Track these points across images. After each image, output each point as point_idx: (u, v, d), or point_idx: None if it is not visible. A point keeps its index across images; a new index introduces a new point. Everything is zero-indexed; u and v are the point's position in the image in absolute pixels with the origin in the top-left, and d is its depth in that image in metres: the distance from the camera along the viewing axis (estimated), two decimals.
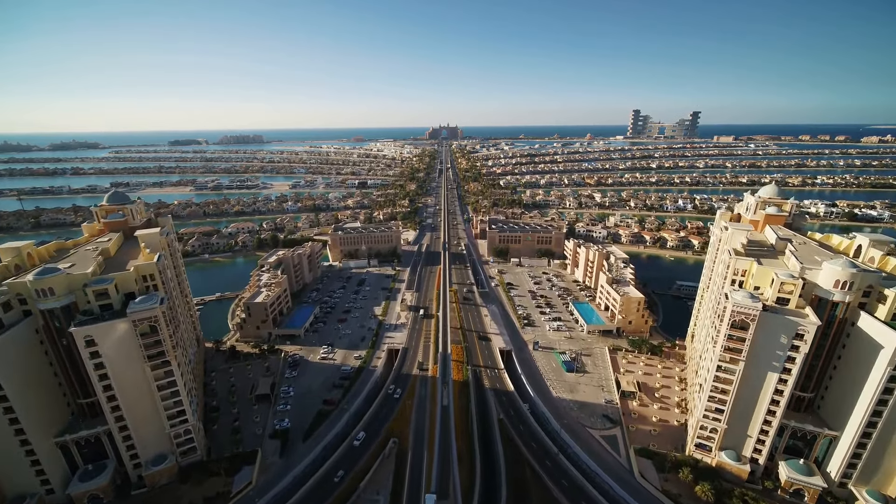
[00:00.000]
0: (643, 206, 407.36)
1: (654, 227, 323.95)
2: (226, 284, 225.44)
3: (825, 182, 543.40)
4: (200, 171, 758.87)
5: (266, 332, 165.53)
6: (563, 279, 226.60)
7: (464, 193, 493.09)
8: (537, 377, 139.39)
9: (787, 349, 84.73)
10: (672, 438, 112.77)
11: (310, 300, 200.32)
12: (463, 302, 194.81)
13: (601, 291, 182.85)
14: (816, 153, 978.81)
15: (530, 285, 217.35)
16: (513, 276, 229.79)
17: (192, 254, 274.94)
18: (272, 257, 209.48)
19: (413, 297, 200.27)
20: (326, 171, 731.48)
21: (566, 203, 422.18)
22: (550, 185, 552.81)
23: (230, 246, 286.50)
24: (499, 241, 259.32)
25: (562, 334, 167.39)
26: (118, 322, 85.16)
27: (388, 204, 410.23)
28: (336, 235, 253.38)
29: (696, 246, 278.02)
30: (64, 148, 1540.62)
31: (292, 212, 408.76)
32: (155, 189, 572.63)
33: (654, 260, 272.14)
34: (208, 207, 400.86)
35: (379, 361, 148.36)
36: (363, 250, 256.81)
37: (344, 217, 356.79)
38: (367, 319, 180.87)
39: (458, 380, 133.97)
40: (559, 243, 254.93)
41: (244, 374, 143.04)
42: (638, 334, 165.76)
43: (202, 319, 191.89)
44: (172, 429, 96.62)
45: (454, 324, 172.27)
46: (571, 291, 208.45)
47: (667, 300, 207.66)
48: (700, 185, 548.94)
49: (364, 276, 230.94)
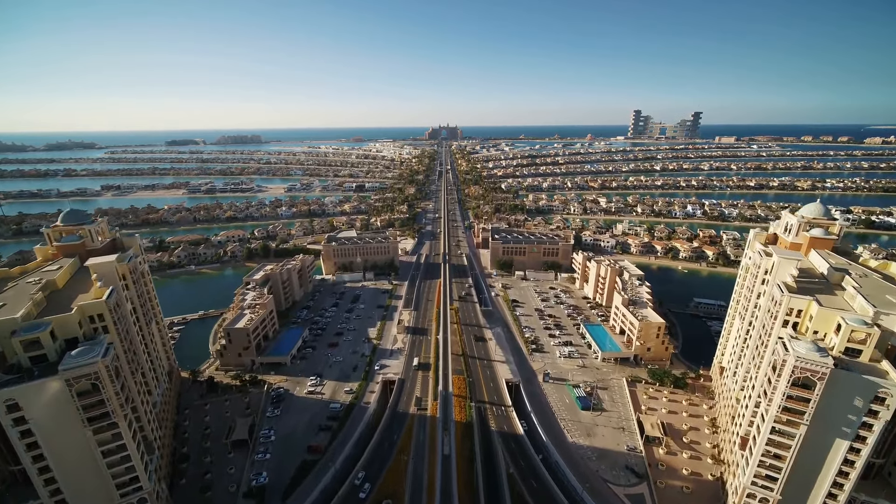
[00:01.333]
0: (650, 211, 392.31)
1: (664, 235, 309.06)
2: (211, 300, 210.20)
3: (835, 186, 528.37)
4: (195, 173, 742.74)
5: (249, 359, 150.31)
6: (572, 295, 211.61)
7: (464, 197, 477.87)
8: (549, 416, 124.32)
9: (862, 413, 69.84)
10: (708, 499, 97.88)
11: (299, 320, 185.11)
12: (465, 323, 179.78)
13: (616, 313, 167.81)
14: (821, 154, 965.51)
15: (537, 302, 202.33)
16: (518, 292, 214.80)
17: (177, 265, 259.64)
18: (259, 273, 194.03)
19: (411, 317, 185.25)
20: (324, 172, 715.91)
21: (571, 208, 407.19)
22: (553, 189, 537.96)
23: (218, 256, 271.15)
24: (502, 252, 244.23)
25: (574, 362, 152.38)
26: (49, 381, 69.99)
27: (386, 209, 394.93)
28: (329, 247, 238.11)
29: (710, 257, 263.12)
30: (59, 148, 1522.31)
31: (286, 217, 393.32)
32: (146, 192, 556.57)
33: (666, 272, 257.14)
34: (199, 213, 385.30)
35: (372, 396, 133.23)
36: (358, 262, 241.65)
37: (339, 224, 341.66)
38: (360, 343, 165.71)
39: (460, 421, 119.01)
40: (566, 255, 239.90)
41: (221, 412, 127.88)
42: (658, 362, 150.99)
43: (182, 341, 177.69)
44: (124, 498, 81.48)
45: (455, 349, 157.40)
46: (582, 310, 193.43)
47: (684, 319, 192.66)
48: (707, 189, 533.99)
49: (359, 292, 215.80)
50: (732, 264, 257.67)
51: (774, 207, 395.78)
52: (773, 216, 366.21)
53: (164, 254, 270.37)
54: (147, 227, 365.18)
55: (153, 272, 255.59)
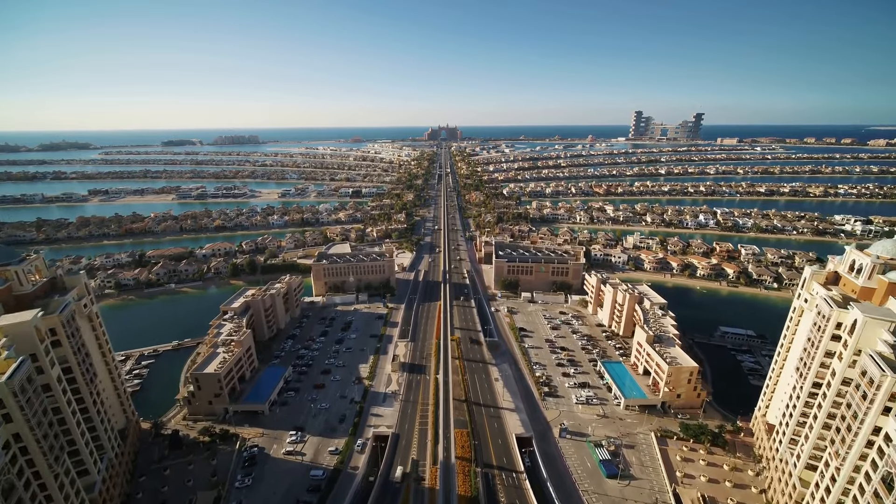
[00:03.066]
0: (660, 220, 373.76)
1: (678, 249, 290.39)
2: (190, 324, 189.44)
3: (848, 192, 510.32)
4: (188, 177, 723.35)
5: (221, 407, 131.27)
6: (585, 321, 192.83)
7: (465, 204, 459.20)
8: (570, 488, 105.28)
9: None
10: None
11: (282, 354, 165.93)
12: (467, 359, 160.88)
13: (638, 351, 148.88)
14: (827, 158, 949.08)
15: (546, 331, 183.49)
16: (525, 318, 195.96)
17: (156, 283, 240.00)
18: (238, 300, 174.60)
19: (407, 350, 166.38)
20: (320, 176, 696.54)
21: (577, 217, 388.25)
22: (557, 195, 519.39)
23: (201, 273, 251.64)
24: (508, 272, 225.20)
25: (593, 410, 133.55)
26: None
27: (383, 218, 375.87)
28: (320, 266, 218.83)
29: (730, 276, 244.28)
30: (53, 148, 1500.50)
31: (278, 226, 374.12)
32: (135, 197, 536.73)
33: (683, 293, 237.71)
34: (186, 222, 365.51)
35: (361, 459, 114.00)
36: (351, 282, 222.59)
37: (333, 234, 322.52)
38: (349, 385, 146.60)
39: (464, 495, 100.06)
40: (577, 275, 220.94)
41: (183, 478, 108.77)
42: (689, 410, 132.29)
43: (150, 379, 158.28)
44: None
45: (457, 392, 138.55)
46: (597, 341, 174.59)
47: (710, 351, 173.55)
48: (716, 196, 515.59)
49: (351, 317, 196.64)
50: (754, 283, 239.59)
51: (790, 217, 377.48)
52: (789, 226, 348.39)
53: (142, 270, 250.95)
54: (130, 237, 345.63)
55: (128, 291, 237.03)
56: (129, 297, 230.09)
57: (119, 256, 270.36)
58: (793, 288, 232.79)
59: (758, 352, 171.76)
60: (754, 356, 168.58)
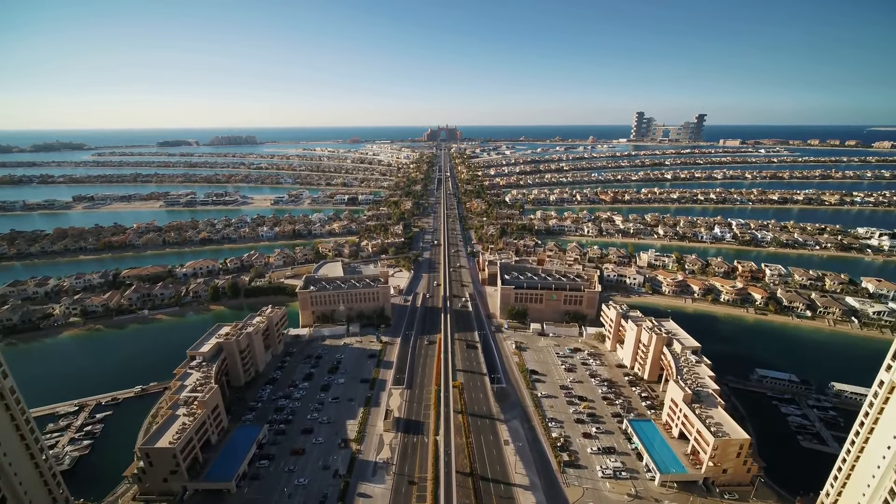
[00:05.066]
0: (673, 233, 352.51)
1: (696, 268, 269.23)
2: (160, 362, 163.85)
3: (865, 200, 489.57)
4: (179, 181, 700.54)
5: (179, 485, 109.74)
6: (603, 361, 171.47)
7: (465, 213, 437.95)
8: None
9: None
10: None
11: (258, 406, 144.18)
12: (472, 413, 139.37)
13: (672, 409, 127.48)
14: (834, 161, 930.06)
15: (561, 373, 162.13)
16: (536, 356, 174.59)
17: (127, 310, 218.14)
18: (209, 342, 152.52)
19: (403, 401, 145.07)
20: (315, 181, 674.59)
21: (584, 229, 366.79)
22: (562, 202, 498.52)
23: (178, 298, 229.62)
24: (515, 299, 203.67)
25: (623, 487, 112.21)
26: None
27: (379, 230, 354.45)
28: (307, 294, 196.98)
29: (757, 301, 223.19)
30: (46, 149, 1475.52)
31: (267, 239, 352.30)
32: (121, 204, 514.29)
33: (705, 320, 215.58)
34: (169, 234, 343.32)
35: None
36: (342, 311, 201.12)
37: (326, 250, 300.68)
38: (334, 449, 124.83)
39: None
40: (592, 304, 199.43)
41: None
42: (737, 488, 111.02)
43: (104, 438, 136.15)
44: None
45: (461, 462, 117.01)
46: (620, 388, 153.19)
47: (746, 399, 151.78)
48: (727, 204, 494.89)
49: (339, 355, 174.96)
50: (784, 310, 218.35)
51: (810, 229, 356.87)
52: (811, 241, 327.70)
53: (114, 293, 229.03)
54: (109, 251, 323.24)
55: (96, 319, 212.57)
56: (97, 327, 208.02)
57: (91, 277, 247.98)
58: (828, 317, 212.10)
59: (803, 401, 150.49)
60: (800, 408, 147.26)
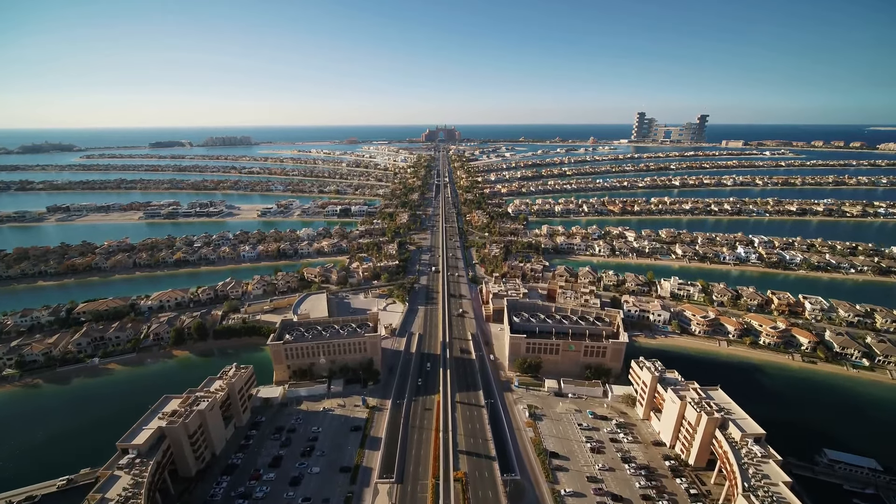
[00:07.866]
0: (693, 253, 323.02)
1: (725, 299, 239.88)
2: (100, 437, 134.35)
3: (889, 211, 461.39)
4: (165, 187, 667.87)
5: None
6: (636, 435, 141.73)
7: (465, 226, 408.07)
8: None
9: None
10: None
11: None
12: None
13: None
14: (843, 165, 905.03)
15: (586, 456, 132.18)
16: (554, 427, 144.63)
17: (73, 359, 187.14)
18: (147, 426, 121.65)
19: (391, 502, 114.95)
20: (308, 188, 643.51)
21: (595, 248, 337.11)
22: (567, 213, 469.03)
23: (136, 342, 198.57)
24: (527, 349, 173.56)
25: None
26: None
27: (372, 248, 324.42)
28: (279, 347, 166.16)
29: (804, 346, 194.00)
30: (34, 150, 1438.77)
31: (249, 260, 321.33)
32: (98, 215, 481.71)
33: (744, 370, 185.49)
34: (140, 256, 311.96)
35: None
36: (322, 364, 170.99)
37: (311, 276, 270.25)
38: None
39: None
40: (617, 357, 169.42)
41: None
42: None
43: None
44: None
45: None
46: (660, 480, 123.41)
47: (816, 490, 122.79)
48: (742, 215, 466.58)
49: (316, 427, 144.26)
50: (836, 358, 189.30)
51: (840, 248, 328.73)
52: (845, 263, 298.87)
53: (62, 336, 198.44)
54: (73, 275, 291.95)
55: (35, 372, 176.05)
56: (34, 382, 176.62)
57: (39, 314, 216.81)
58: (888, 367, 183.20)
59: (888, 496, 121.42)
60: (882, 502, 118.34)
